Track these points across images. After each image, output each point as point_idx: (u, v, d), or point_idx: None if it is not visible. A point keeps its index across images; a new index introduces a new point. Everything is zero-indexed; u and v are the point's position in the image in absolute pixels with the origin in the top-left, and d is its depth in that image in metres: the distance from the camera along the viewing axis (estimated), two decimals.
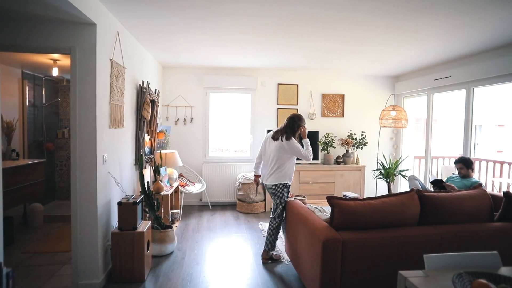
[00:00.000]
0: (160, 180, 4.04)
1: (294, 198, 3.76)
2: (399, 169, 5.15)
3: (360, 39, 3.55)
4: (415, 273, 1.45)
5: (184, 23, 3.12)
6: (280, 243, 3.69)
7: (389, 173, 5.04)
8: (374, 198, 2.30)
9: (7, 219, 3.49)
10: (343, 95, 5.78)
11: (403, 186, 5.79)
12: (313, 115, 5.68)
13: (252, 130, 5.63)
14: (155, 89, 4.54)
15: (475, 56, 4.14)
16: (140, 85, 3.79)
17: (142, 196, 3.09)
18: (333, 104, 5.78)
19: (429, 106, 5.06)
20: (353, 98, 5.83)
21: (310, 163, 5.39)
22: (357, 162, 5.56)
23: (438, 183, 3.60)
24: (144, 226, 2.91)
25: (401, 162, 5.32)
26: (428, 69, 5.07)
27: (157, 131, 4.42)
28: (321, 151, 5.53)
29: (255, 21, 3.03)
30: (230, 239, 3.90)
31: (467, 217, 2.38)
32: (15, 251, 3.36)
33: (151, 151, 4.26)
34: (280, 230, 3.26)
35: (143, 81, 3.86)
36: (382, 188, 5.80)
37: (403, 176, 5.05)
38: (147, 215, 3.41)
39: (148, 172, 4.33)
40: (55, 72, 4.12)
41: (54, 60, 3.89)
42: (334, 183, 5.31)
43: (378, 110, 5.69)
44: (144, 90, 3.77)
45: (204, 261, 3.25)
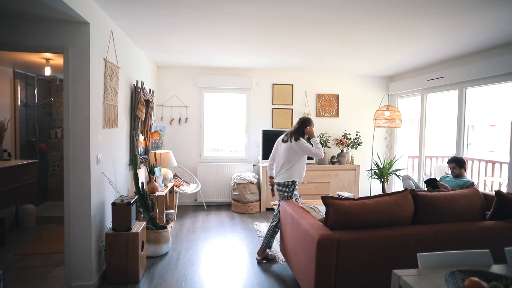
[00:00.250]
0: (155, 181, 4.02)
1: None
2: (393, 169, 5.19)
3: (355, 40, 3.57)
4: (409, 272, 1.46)
5: (179, 23, 3.10)
6: (276, 243, 3.70)
7: (383, 173, 5.08)
8: (369, 198, 2.32)
9: None
10: (338, 95, 5.81)
11: (397, 186, 5.83)
12: (308, 115, 5.70)
13: (247, 130, 5.63)
14: (150, 89, 4.52)
15: (468, 57, 4.19)
16: (135, 85, 3.76)
17: (137, 197, 3.07)
18: (328, 104, 5.81)
19: (423, 106, 5.11)
20: (348, 98, 5.86)
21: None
22: (352, 162, 5.59)
23: (432, 183, 3.64)
24: (139, 227, 2.89)
25: (395, 162, 5.36)
26: (422, 70, 5.12)
27: (152, 131, 4.40)
28: None
29: (250, 21, 3.03)
30: (225, 239, 3.90)
31: (460, 216, 2.41)
32: (7, 253, 3.32)
33: (146, 151, 4.24)
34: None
35: (138, 81, 3.84)
36: (377, 188, 5.84)
37: (397, 176, 5.09)
38: (142, 216, 3.39)
39: (143, 173, 4.31)
40: (48, 72, 4.07)
41: (47, 59, 3.84)
42: (329, 183, 5.33)
43: (373, 110, 5.73)
44: (139, 90, 3.74)
45: (199, 262, 3.24)
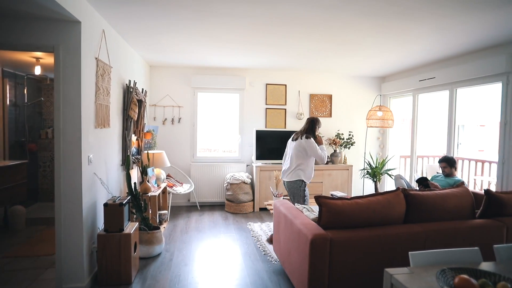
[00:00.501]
0: (148, 181, 3.99)
1: (283, 198, 3.78)
2: (386, 168, 5.24)
3: (348, 40, 3.59)
4: (401, 270, 1.47)
5: (172, 23, 3.09)
6: (269, 243, 3.70)
7: (376, 172, 5.13)
8: (361, 197, 2.34)
9: None
10: (331, 95, 5.84)
11: (390, 185, 5.89)
12: (301, 115, 5.72)
13: (241, 130, 5.62)
14: (142, 89, 4.48)
15: (458, 58, 4.26)
16: (127, 85, 3.73)
17: (129, 197, 3.05)
18: (321, 104, 5.84)
19: (414, 107, 5.17)
20: (341, 99, 5.90)
21: None
22: (345, 162, 5.63)
23: (423, 181, 3.69)
24: (131, 228, 2.87)
25: (388, 162, 5.42)
26: (413, 70, 5.18)
27: (144, 131, 4.37)
28: None
29: (244, 21, 3.03)
30: (219, 240, 3.89)
31: (451, 215, 2.44)
32: None
33: (138, 152, 4.20)
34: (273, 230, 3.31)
35: (130, 81, 3.81)
36: (369, 187, 5.89)
37: (389, 175, 5.15)
38: (134, 216, 3.36)
39: (135, 173, 4.27)
40: (38, 71, 4.01)
41: (37, 58, 3.79)
42: (322, 183, 5.36)
43: (365, 110, 5.78)
44: (131, 90, 3.71)
45: (193, 262, 3.23)
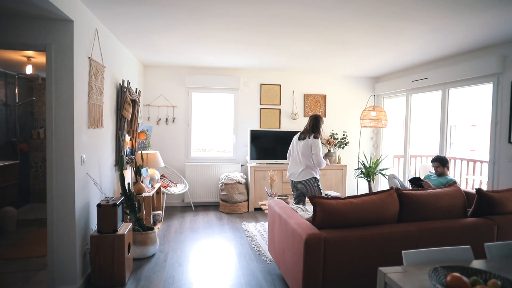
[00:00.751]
0: (141, 181, 3.96)
1: (277, 198, 3.78)
2: (379, 168, 5.28)
3: (342, 40, 3.61)
4: (394, 269, 1.49)
5: (166, 22, 3.07)
6: (264, 243, 3.71)
7: (370, 172, 5.16)
8: (355, 197, 2.35)
9: None
10: (325, 96, 5.87)
11: (383, 185, 5.94)
12: (296, 115, 5.74)
13: (235, 130, 5.62)
14: (136, 89, 4.45)
15: (450, 59, 4.31)
16: (121, 84, 3.70)
17: (123, 198, 3.02)
18: (316, 105, 5.86)
19: (408, 107, 5.22)
20: (335, 99, 5.93)
21: None
22: (339, 162, 5.66)
23: (416, 181, 3.73)
24: (125, 229, 2.84)
25: (381, 161, 5.46)
26: (407, 71, 5.23)
27: (138, 131, 4.33)
28: None
29: (238, 21, 3.02)
30: (214, 240, 3.88)
31: (443, 214, 2.47)
32: None
33: (132, 152, 4.17)
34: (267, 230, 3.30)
35: (124, 80, 3.77)
36: (363, 187, 5.93)
37: (383, 175, 5.18)
38: (128, 217, 3.33)
39: (129, 173, 4.24)
40: (29, 70, 3.95)
41: (28, 57, 3.73)
42: None
43: (359, 111, 5.82)
44: (125, 89, 3.68)
45: (187, 263, 3.21)
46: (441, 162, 3.85)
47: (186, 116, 5.45)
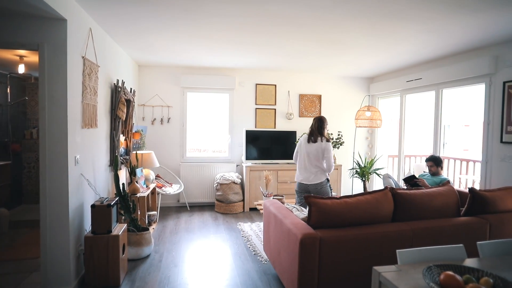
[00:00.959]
0: (136, 182, 3.94)
1: (273, 198, 3.79)
2: (374, 168, 5.31)
3: (337, 41, 3.63)
4: (388, 268, 1.50)
5: (161, 22, 3.05)
6: (259, 243, 3.71)
7: (365, 172, 5.19)
8: (350, 197, 2.36)
9: None
10: (320, 96, 5.89)
11: (378, 184, 5.98)
12: (291, 115, 5.75)
13: (230, 130, 5.61)
14: (131, 88, 4.42)
15: (444, 60, 4.35)
16: (115, 84, 3.67)
17: (117, 198, 3.00)
18: (311, 105, 5.88)
19: (402, 107, 5.26)
20: (330, 99, 5.95)
21: (288, 163, 5.45)
22: (334, 162, 5.67)
23: (410, 180, 3.76)
24: (120, 229, 2.82)
25: (376, 161, 5.49)
26: (401, 71, 5.27)
27: (133, 131, 4.31)
28: None
29: (233, 21, 3.02)
30: (209, 240, 3.87)
31: (437, 213, 2.50)
32: None
33: (127, 152, 4.14)
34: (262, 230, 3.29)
35: (118, 80, 3.75)
36: (358, 187, 5.97)
37: (378, 175, 5.22)
38: (123, 218, 3.31)
39: (124, 174, 4.21)
40: (22, 69, 3.90)
41: (21, 57, 3.69)
42: None
43: (354, 111, 5.85)
44: (119, 89, 3.66)
45: (182, 263, 3.20)
46: (435, 162, 3.89)
47: (181, 116, 5.43)
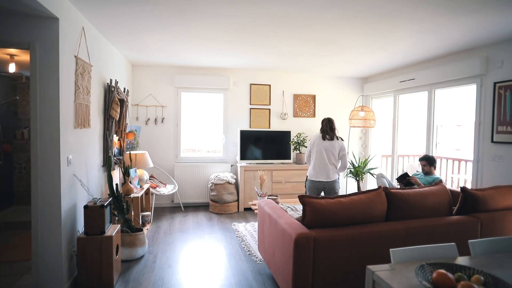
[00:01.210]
0: (130, 182, 3.91)
1: (267, 198, 3.79)
2: (368, 168, 5.35)
3: (331, 41, 3.65)
4: (382, 267, 1.51)
5: (156, 21, 3.04)
6: (254, 243, 3.71)
7: (359, 172, 5.23)
8: (344, 196, 2.37)
9: None
10: (315, 96, 5.91)
11: (372, 184, 6.02)
12: (285, 115, 5.76)
13: (225, 130, 5.60)
14: (124, 88, 4.39)
15: (436, 60, 4.40)
16: (108, 84, 3.64)
17: (111, 199, 2.97)
18: (305, 105, 5.89)
19: (395, 107, 5.31)
20: (324, 99, 5.98)
21: (283, 163, 5.46)
22: None
23: (403, 179, 3.79)
24: (113, 230, 2.80)
25: (370, 161, 5.53)
26: (394, 72, 5.31)
27: (127, 132, 4.27)
28: (293, 151, 5.62)
29: (228, 21, 3.02)
30: (203, 241, 3.86)
31: (429, 212, 2.52)
32: None
33: (120, 152, 4.11)
34: (257, 230, 3.29)
35: (111, 80, 3.72)
36: (352, 186, 6.00)
37: (372, 174, 5.26)
38: (116, 218, 3.28)
39: (117, 174, 4.18)
40: (12, 68, 3.84)
41: (11, 55, 3.63)
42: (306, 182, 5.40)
43: (348, 111, 5.88)
44: (112, 89, 3.62)
45: (177, 264, 3.19)
46: (429, 161, 3.93)
47: (175, 116, 5.40)
